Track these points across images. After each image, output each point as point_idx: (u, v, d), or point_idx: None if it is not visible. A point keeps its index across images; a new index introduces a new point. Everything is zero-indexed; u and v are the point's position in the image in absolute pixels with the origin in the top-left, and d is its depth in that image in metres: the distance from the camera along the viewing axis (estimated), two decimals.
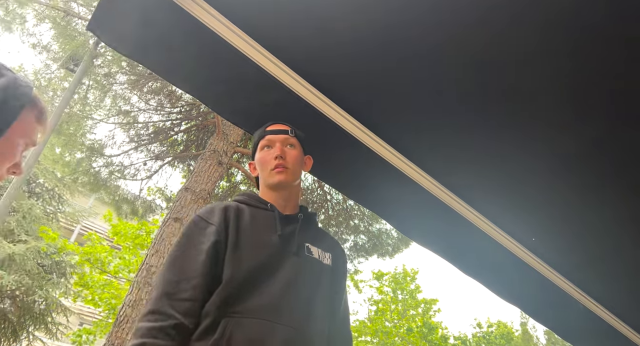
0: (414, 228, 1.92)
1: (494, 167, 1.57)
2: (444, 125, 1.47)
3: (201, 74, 1.47)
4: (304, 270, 1.20)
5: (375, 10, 1.20)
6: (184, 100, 8.34)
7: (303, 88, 1.45)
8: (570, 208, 1.63)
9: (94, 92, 8.11)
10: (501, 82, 1.28)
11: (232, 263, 1.14)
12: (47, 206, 11.60)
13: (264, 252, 1.18)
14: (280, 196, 1.35)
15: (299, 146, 1.41)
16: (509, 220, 1.81)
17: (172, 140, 8.79)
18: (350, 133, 1.55)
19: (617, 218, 1.60)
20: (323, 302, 1.21)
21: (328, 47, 1.33)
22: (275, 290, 1.12)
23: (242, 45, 1.34)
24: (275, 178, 1.32)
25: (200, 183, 6.40)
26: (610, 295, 2.06)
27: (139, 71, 7.76)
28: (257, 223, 1.25)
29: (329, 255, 1.31)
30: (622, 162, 1.38)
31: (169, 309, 1.02)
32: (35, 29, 7.89)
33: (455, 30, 1.19)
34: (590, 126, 1.31)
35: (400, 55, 1.29)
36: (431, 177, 1.67)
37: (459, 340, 19.57)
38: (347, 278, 1.39)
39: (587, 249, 1.82)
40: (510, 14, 1.12)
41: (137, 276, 5.58)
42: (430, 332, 15.36)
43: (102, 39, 1.42)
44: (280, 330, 1.05)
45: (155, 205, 9.49)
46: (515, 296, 2.18)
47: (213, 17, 1.28)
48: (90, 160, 8.28)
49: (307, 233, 1.32)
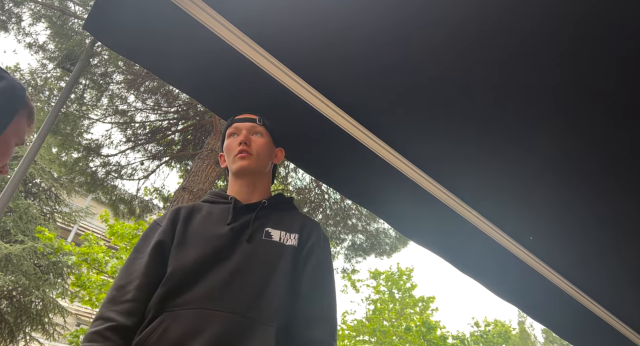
0: (411, 227, 1.93)
1: (491, 165, 1.57)
2: (441, 123, 1.47)
3: (198, 73, 1.46)
4: (256, 255, 1.17)
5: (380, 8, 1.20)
6: (181, 99, 8.32)
7: (303, 89, 1.44)
8: (568, 207, 1.64)
9: (90, 91, 8.09)
10: (500, 79, 1.28)
11: (174, 259, 1.16)
12: (44, 206, 11.55)
13: (210, 244, 1.18)
14: (244, 184, 1.35)
15: (268, 135, 1.42)
16: (507, 218, 1.81)
17: (169, 140, 8.77)
18: (347, 132, 1.54)
19: (614, 216, 1.60)
20: (280, 284, 1.13)
21: (323, 44, 1.33)
22: (218, 279, 1.10)
23: (240, 45, 1.33)
24: (237, 163, 1.33)
25: (198, 182, 6.39)
26: (608, 293, 2.07)
27: (135, 70, 7.74)
28: (211, 218, 1.27)
29: (295, 236, 1.25)
30: (619, 159, 1.39)
31: (109, 313, 1.06)
32: (31, 28, 7.85)
33: (452, 27, 1.19)
34: (587, 123, 1.32)
35: (396, 54, 1.29)
36: (428, 176, 1.67)
37: (457, 339, 19.62)
38: (322, 255, 1.26)
39: (585, 247, 1.82)
40: (506, 7, 1.12)
41: None
42: (429, 331, 15.38)
43: (99, 39, 1.41)
44: (218, 317, 1.03)
45: (153, 205, 9.47)
46: (513, 294, 2.18)
47: (211, 17, 1.28)
48: (87, 160, 8.25)
49: (270, 218, 1.29)
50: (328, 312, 1.17)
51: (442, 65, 1.29)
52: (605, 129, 1.31)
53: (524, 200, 1.67)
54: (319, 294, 1.19)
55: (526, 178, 1.57)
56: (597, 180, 1.48)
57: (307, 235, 1.28)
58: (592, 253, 1.83)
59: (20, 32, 7.78)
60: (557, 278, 1.98)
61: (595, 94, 1.23)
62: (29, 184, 11.38)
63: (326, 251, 1.29)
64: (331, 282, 1.24)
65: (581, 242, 1.80)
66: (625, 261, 1.81)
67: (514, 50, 1.19)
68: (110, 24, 1.32)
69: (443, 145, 1.55)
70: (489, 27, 1.16)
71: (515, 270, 1.97)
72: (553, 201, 1.63)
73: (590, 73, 1.18)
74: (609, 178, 1.46)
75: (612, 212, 1.59)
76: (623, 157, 1.37)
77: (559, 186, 1.56)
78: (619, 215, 1.59)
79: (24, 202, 10.54)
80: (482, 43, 1.20)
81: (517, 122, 1.38)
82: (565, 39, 1.13)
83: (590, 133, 1.34)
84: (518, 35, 1.15)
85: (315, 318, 1.13)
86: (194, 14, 1.27)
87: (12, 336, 9.63)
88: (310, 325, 1.11)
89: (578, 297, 2.06)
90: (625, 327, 2.20)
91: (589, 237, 1.75)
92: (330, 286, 1.23)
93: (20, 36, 7.79)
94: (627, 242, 1.71)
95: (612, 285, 2.00)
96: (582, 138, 1.36)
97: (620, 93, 1.21)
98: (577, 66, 1.18)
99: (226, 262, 1.14)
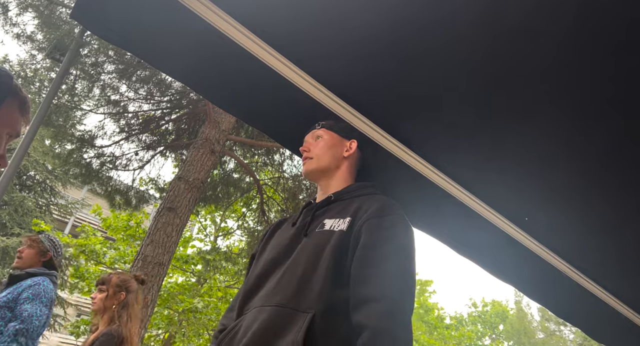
0: (409, 212, 1.93)
1: (488, 148, 1.57)
2: (439, 108, 1.47)
3: (191, 60, 1.44)
4: (306, 248, 1.18)
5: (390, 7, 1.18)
6: (174, 88, 8.24)
7: (296, 76, 1.43)
8: (563, 187, 1.65)
9: (81, 82, 7.99)
10: (503, 61, 1.27)
11: (250, 270, 1.34)
12: (40, 199, 11.52)
13: (275, 250, 1.28)
14: (319, 185, 1.45)
15: (329, 133, 1.46)
16: (502, 200, 1.82)
17: (164, 130, 8.72)
18: (340, 115, 1.54)
19: (612, 196, 1.61)
20: (322, 270, 1.10)
21: (320, 33, 1.32)
22: (275, 279, 1.18)
23: (232, 32, 1.31)
24: (303, 169, 1.44)
25: (193, 172, 6.37)
26: (603, 271, 2.09)
27: (126, 60, 7.65)
28: (288, 225, 1.38)
29: (347, 220, 1.19)
30: (617, 141, 1.39)
31: (221, 319, 1.34)
32: (18, 18, 7.71)
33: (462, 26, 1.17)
34: (585, 108, 1.31)
35: (382, 42, 1.28)
36: (423, 159, 1.67)
37: (454, 319, 19.87)
38: (377, 230, 1.14)
39: (580, 227, 1.84)
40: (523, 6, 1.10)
41: (133, 267, 5.59)
42: (427, 313, 15.57)
43: (88, 27, 1.39)
44: (266, 310, 1.10)
45: (149, 195, 9.45)
46: (510, 275, 2.21)
47: (201, 4, 1.26)
48: (81, 152, 8.19)
49: (333, 209, 1.28)
50: (383, 292, 1.02)
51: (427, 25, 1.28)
52: (599, 109, 1.31)
53: (519, 182, 1.68)
54: (370, 273, 1.07)
55: (522, 160, 1.57)
56: (597, 162, 1.48)
57: (360, 215, 1.20)
58: (588, 233, 1.85)
59: (7, 23, 7.65)
60: (552, 258, 2.00)
61: (599, 78, 1.22)
62: (23, 177, 11.32)
63: (384, 225, 1.16)
64: (390, 258, 1.10)
65: (577, 222, 1.81)
66: (622, 242, 1.83)
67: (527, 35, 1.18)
68: (99, 12, 1.30)
69: (441, 131, 1.55)
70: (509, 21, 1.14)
71: (511, 250, 1.99)
72: (549, 182, 1.63)
73: (594, 56, 1.18)
74: (609, 160, 1.46)
75: (610, 192, 1.59)
76: (623, 139, 1.37)
77: (555, 167, 1.56)
78: (618, 196, 1.60)
79: (19, 195, 10.51)
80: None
81: (517, 107, 1.38)
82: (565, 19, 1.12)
83: (588, 113, 1.34)
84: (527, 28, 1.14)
85: (362, 300, 1.03)
86: (184, 1, 1.25)
87: None
88: (356, 308, 1.03)
89: (573, 276, 2.08)
90: (623, 306, 2.24)
91: (585, 218, 1.76)
92: (387, 263, 1.09)
93: (7, 27, 7.66)
94: (625, 222, 1.72)
95: (608, 263, 2.02)
96: (582, 122, 1.36)
97: (621, 76, 1.20)
98: (584, 50, 1.17)
99: (285, 261, 1.21)
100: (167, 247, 5.78)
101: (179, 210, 6.03)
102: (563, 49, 1.18)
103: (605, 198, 1.63)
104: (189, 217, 6.33)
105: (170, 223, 5.90)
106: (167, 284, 10.16)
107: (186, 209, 6.16)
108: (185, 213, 6.16)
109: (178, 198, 6.12)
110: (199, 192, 6.48)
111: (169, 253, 5.80)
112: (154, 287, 5.49)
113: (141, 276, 2.78)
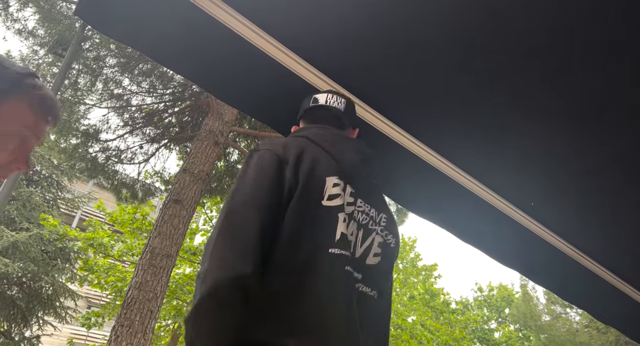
0: (411, 200, 1.94)
1: (493, 134, 1.58)
2: (442, 96, 1.47)
3: (195, 55, 1.45)
4: None
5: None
6: (176, 81, 8.24)
7: (297, 65, 1.44)
8: (568, 172, 1.65)
9: (84, 76, 7.99)
10: (509, 48, 1.27)
11: None
12: (47, 193, 11.60)
13: None
14: None
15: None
16: (507, 186, 1.83)
17: (167, 123, 8.73)
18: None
19: (617, 182, 1.62)
20: None
21: (320, 21, 1.32)
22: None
23: (237, 26, 1.32)
24: None
25: (198, 164, 6.39)
26: (607, 252, 2.11)
27: (128, 53, 7.64)
28: None
29: None
30: (622, 124, 1.39)
31: None
32: (19, 13, 7.69)
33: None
34: (591, 89, 1.31)
35: (381, 27, 1.28)
36: (427, 147, 1.68)
37: (460, 304, 19.95)
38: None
39: (586, 212, 1.85)
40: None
41: (142, 259, 5.64)
42: (433, 298, 15.66)
43: (92, 24, 1.40)
44: None
45: (155, 188, 9.50)
46: (516, 261, 2.22)
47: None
48: (86, 146, 8.23)
49: None
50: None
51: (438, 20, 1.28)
52: (611, 93, 1.31)
53: (525, 168, 1.69)
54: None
55: (527, 146, 1.57)
56: (602, 146, 1.49)
57: None
58: (593, 217, 1.86)
59: (9, 18, 7.64)
60: (558, 242, 2.01)
61: (604, 60, 1.22)
62: (29, 172, 11.39)
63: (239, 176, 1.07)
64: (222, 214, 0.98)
65: (582, 207, 1.82)
66: (628, 225, 1.83)
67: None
68: (102, 9, 1.30)
69: (445, 118, 1.55)
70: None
71: (517, 236, 2.00)
72: (555, 167, 1.64)
73: (598, 37, 1.18)
74: (614, 145, 1.47)
75: (615, 178, 1.60)
76: (629, 123, 1.38)
77: (560, 152, 1.57)
78: (622, 180, 1.60)
79: (26, 190, 10.58)
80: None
81: (522, 91, 1.38)
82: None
83: (593, 96, 1.34)
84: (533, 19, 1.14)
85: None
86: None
87: (26, 321, 9.83)
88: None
89: (578, 258, 2.10)
90: (630, 288, 2.25)
91: (590, 202, 1.77)
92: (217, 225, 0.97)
93: (8, 22, 7.65)
94: (631, 205, 1.73)
95: (612, 245, 2.03)
96: (587, 104, 1.36)
97: (626, 57, 1.20)
98: (591, 31, 1.17)
99: None
100: (175, 238, 5.82)
101: (185, 202, 6.06)
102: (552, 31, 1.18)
103: (614, 184, 1.64)
104: (195, 208, 6.36)
105: (176, 215, 5.94)
106: (175, 275, 10.26)
107: (192, 201, 6.19)
108: (192, 205, 6.19)
109: (184, 190, 6.15)
110: (204, 183, 6.51)
111: (176, 245, 5.85)
112: (162, 279, 5.55)
113: None
